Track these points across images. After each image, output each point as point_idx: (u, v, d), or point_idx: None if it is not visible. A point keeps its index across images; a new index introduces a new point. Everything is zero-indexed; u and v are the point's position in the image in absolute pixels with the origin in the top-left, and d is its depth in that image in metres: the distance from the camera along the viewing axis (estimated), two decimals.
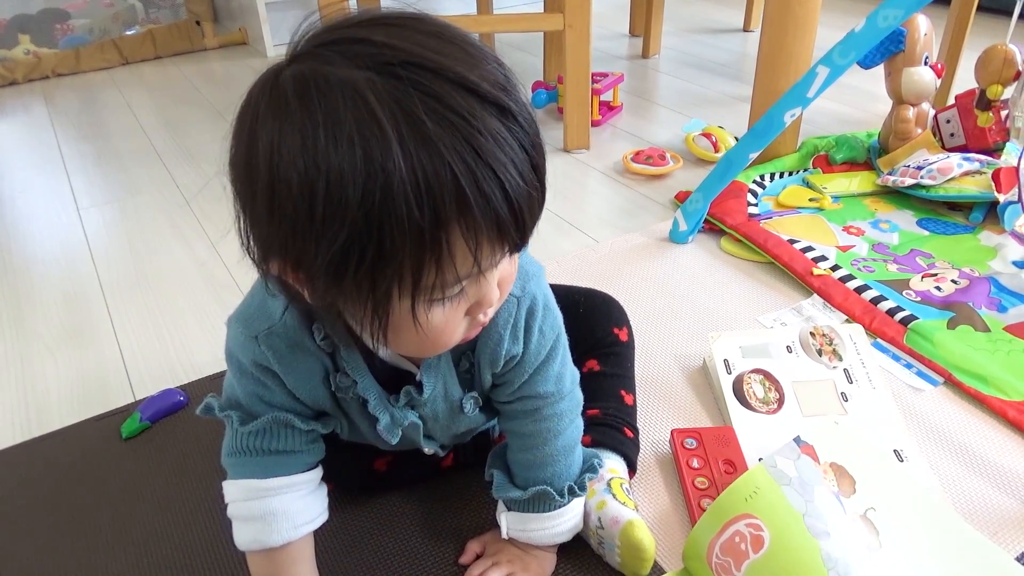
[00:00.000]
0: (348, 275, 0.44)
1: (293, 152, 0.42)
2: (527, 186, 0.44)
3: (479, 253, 0.44)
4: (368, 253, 0.42)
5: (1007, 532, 0.71)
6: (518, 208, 0.44)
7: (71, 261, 1.26)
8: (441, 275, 0.44)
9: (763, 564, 0.60)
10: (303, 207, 0.42)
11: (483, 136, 0.42)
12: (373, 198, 0.40)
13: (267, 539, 0.61)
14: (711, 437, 0.79)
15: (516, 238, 0.46)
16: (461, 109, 0.41)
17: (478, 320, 0.52)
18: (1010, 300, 1.01)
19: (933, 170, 1.24)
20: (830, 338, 0.92)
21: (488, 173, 0.42)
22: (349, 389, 0.59)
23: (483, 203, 0.42)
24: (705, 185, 1.18)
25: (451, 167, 0.41)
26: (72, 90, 2.12)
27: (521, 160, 0.44)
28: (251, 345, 0.57)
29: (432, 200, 0.41)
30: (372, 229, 0.41)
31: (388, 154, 0.40)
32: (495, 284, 0.50)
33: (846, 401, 0.86)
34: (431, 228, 0.42)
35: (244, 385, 0.60)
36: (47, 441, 0.87)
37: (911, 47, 1.32)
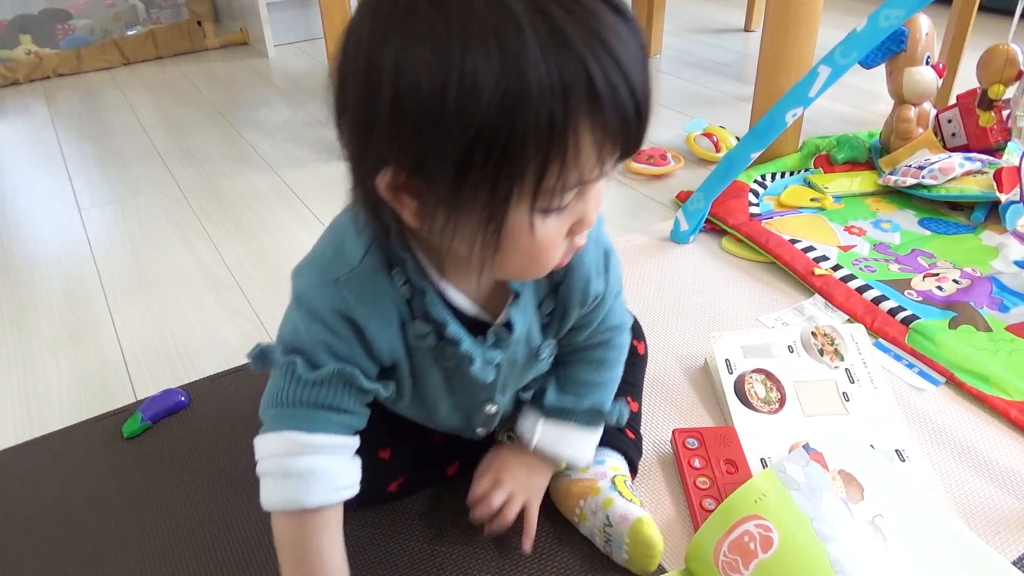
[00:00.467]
0: (471, 175, 0.44)
1: (423, 50, 0.42)
2: (645, 84, 0.45)
3: (603, 153, 0.45)
4: (495, 150, 0.43)
5: (1009, 532, 0.71)
6: (642, 103, 0.45)
7: (72, 261, 1.27)
8: (563, 176, 0.45)
9: (771, 564, 0.60)
10: (432, 104, 0.42)
11: (611, 32, 0.43)
12: (507, 90, 0.41)
13: (303, 498, 0.57)
14: (712, 437, 0.79)
15: (637, 136, 0.47)
16: (588, 5, 0.43)
17: (575, 243, 0.53)
18: (1012, 300, 1.01)
19: (935, 170, 1.23)
20: (831, 338, 0.92)
21: (615, 68, 0.43)
22: (426, 336, 0.58)
23: (611, 97, 0.43)
24: (706, 185, 1.18)
25: (583, 61, 0.42)
26: (73, 90, 2.12)
27: (642, 65, 0.45)
28: (330, 290, 0.56)
29: (564, 93, 0.42)
30: (503, 123, 0.42)
31: (523, 47, 0.41)
32: (598, 200, 0.51)
33: (847, 401, 0.86)
34: (562, 122, 0.43)
35: (314, 333, 0.57)
36: (48, 441, 0.87)
37: (912, 47, 1.32)
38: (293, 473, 0.57)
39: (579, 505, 0.70)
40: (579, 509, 0.70)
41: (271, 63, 2.28)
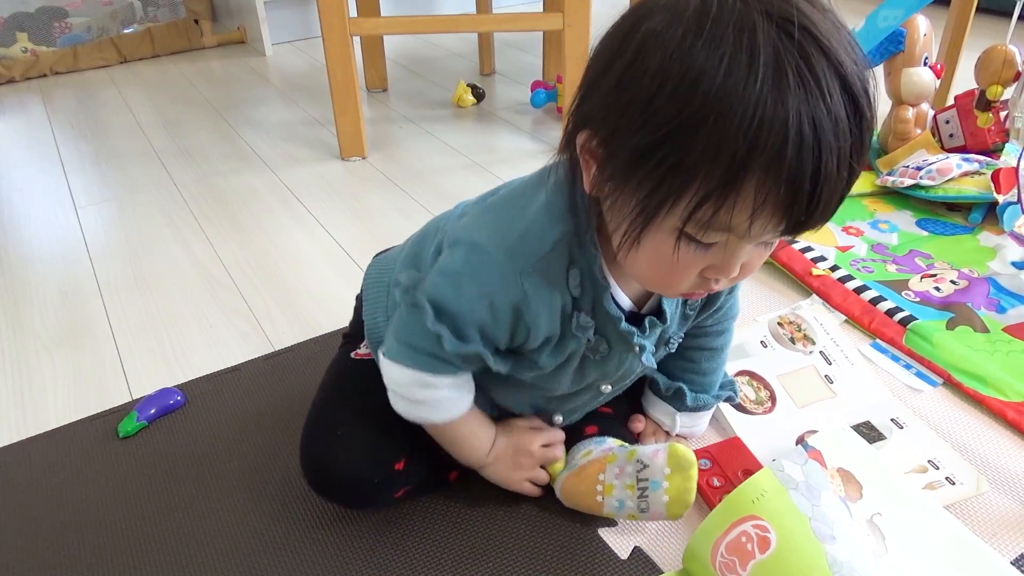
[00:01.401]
0: (643, 166, 0.47)
1: (668, 41, 0.45)
2: (834, 185, 0.46)
3: (756, 216, 0.46)
4: (671, 158, 0.45)
5: (1006, 533, 0.71)
6: (820, 190, 0.45)
7: (68, 260, 1.26)
8: (716, 214, 0.46)
9: (769, 565, 0.60)
10: (649, 89, 0.45)
11: (828, 115, 0.44)
12: (709, 110, 0.43)
13: (434, 417, 0.67)
14: (721, 452, 0.78)
15: (800, 217, 0.47)
16: (823, 84, 0.44)
17: (709, 284, 0.55)
18: (1009, 301, 1.01)
19: (932, 171, 1.23)
20: (797, 324, 0.93)
21: (812, 144, 0.44)
22: (588, 329, 0.62)
23: (794, 167, 0.44)
24: None
25: (786, 122, 0.43)
26: (70, 88, 2.11)
27: (846, 153, 0.45)
28: (513, 280, 0.59)
29: (755, 139, 0.43)
30: (690, 137, 0.44)
31: (744, 82, 0.43)
32: (742, 259, 0.52)
33: (832, 383, 0.87)
34: (738, 164, 0.44)
35: (476, 311, 0.60)
36: (44, 440, 0.87)
37: (911, 48, 1.32)
38: (422, 401, 0.66)
39: (599, 479, 0.70)
40: (600, 484, 0.70)
41: (268, 62, 2.28)
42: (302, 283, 1.16)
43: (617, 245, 0.54)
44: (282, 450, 0.82)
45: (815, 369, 0.89)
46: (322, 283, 1.15)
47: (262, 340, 1.03)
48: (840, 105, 0.44)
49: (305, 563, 0.71)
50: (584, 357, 0.65)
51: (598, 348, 0.64)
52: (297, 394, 0.89)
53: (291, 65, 2.25)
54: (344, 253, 1.23)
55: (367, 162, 1.57)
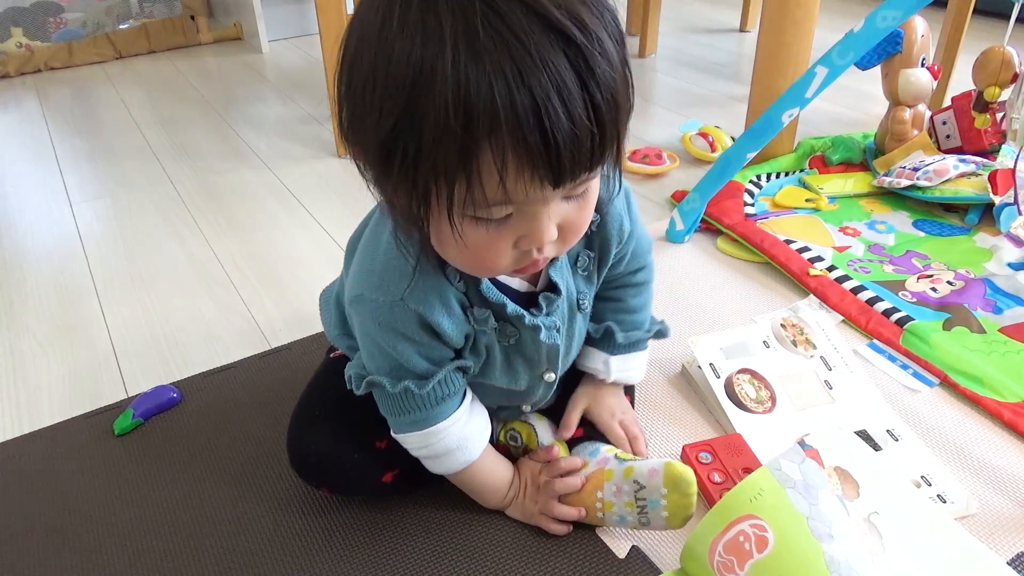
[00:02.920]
0: (395, 167, 0.46)
1: (370, 36, 0.45)
2: (569, 120, 0.43)
3: (506, 179, 0.45)
4: (410, 147, 0.44)
5: (1003, 533, 0.71)
6: (554, 138, 0.43)
7: (64, 256, 1.25)
8: (471, 192, 0.45)
9: (767, 564, 0.60)
10: (368, 88, 0.45)
11: (532, 59, 0.42)
12: (417, 92, 0.43)
13: (459, 463, 0.68)
14: (723, 447, 0.78)
15: (554, 171, 0.45)
16: (517, 29, 0.42)
17: (531, 255, 0.53)
18: (1005, 302, 1.01)
19: (929, 171, 1.24)
20: (800, 328, 0.93)
21: (526, 97, 0.42)
22: (486, 321, 0.62)
23: (513, 124, 0.42)
24: (702, 185, 1.18)
25: (490, 81, 0.42)
26: (65, 84, 2.10)
27: (572, 93, 0.43)
28: (400, 308, 0.59)
29: (466, 109, 0.42)
30: (414, 123, 0.43)
31: (438, 54, 0.42)
32: (546, 223, 0.50)
33: (831, 389, 0.87)
34: (462, 137, 0.43)
35: (402, 349, 0.62)
36: (38, 437, 0.87)
37: (908, 48, 1.32)
38: (442, 452, 0.67)
39: (598, 497, 0.70)
40: (599, 501, 0.69)
41: (265, 59, 2.27)
42: (298, 280, 1.15)
43: (426, 244, 0.54)
44: (277, 447, 0.81)
45: (815, 374, 0.89)
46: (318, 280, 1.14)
47: (258, 337, 1.03)
48: (545, 44, 0.42)
49: (302, 560, 0.70)
50: (504, 348, 0.66)
51: (506, 333, 0.64)
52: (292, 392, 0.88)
53: (288, 62, 2.24)
54: (341, 251, 1.23)
55: None
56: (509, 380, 0.69)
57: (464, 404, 0.68)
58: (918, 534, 0.66)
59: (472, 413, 0.69)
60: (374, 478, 0.72)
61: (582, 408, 0.78)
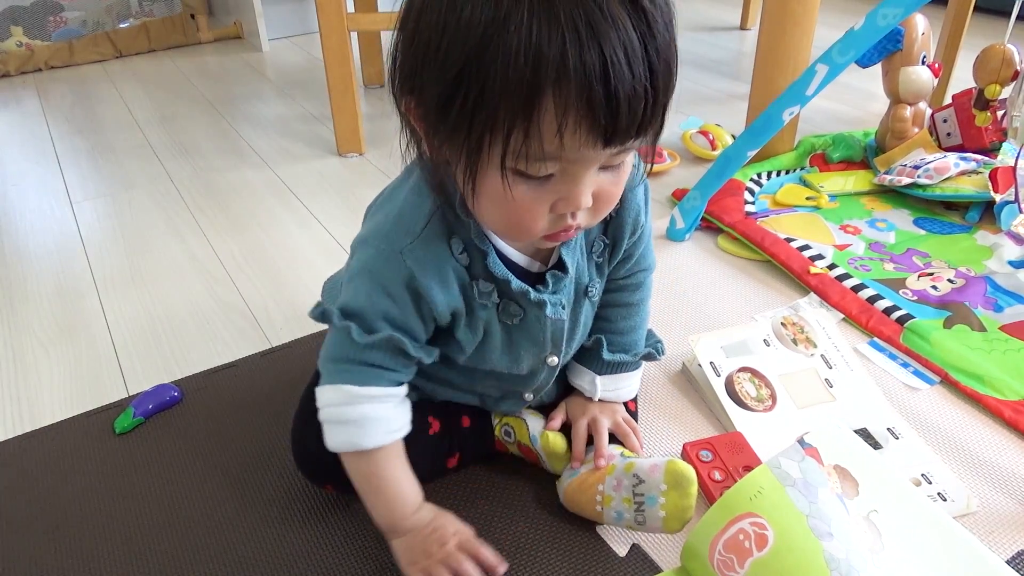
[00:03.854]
0: (451, 115, 0.48)
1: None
2: (632, 77, 0.45)
3: (564, 131, 0.46)
4: (472, 93, 0.46)
5: (1003, 531, 0.71)
6: (615, 93, 0.45)
7: (64, 255, 1.26)
8: (527, 142, 0.47)
9: (767, 562, 0.60)
10: (432, 40, 0.47)
11: (604, 16, 0.44)
12: (489, 40, 0.45)
13: (361, 442, 0.64)
14: (723, 445, 0.78)
15: (609, 128, 0.47)
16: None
17: (565, 220, 0.54)
18: (1006, 300, 1.01)
19: (930, 169, 1.24)
20: (800, 326, 0.93)
21: (594, 49, 0.44)
22: (490, 295, 0.63)
23: (580, 76, 0.44)
24: (702, 183, 1.18)
25: (563, 32, 0.44)
26: (65, 83, 2.10)
27: (635, 53, 0.45)
28: (396, 260, 0.59)
29: (536, 56, 0.44)
30: (480, 69, 0.45)
31: (513, 5, 0.44)
32: (586, 186, 0.52)
33: (831, 387, 0.87)
34: (529, 85, 0.45)
35: (376, 302, 0.61)
36: (39, 436, 0.87)
37: (909, 46, 1.32)
38: (350, 420, 0.63)
39: (599, 490, 0.70)
40: (600, 495, 0.69)
41: (265, 57, 2.27)
42: (299, 279, 1.15)
43: (464, 200, 0.56)
44: (279, 446, 0.81)
45: (816, 372, 0.89)
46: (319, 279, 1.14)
47: (259, 336, 1.03)
48: (615, 4, 0.45)
49: (303, 559, 0.70)
50: (506, 327, 0.65)
51: (509, 311, 0.64)
52: (294, 390, 0.88)
53: (288, 61, 2.24)
54: (341, 249, 1.23)
55: (364, 158, 1.57)
56: (510, 363, 0.69)
57: (396, 393, 0.65)
58: (917, 532, 0.66)
59: (400, 412, 0.66)
60: None
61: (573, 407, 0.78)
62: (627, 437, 0.75)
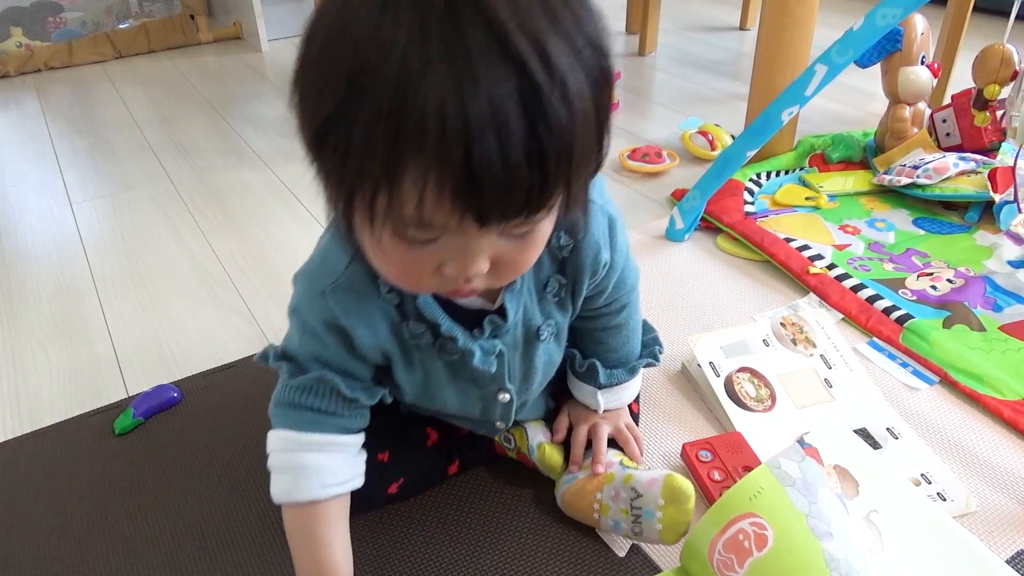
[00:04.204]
0: (326, 156, 0.43)
1: (333, 13, 0.42)
2: (503, 161, 0.39)
3: (424, 202, 0.40)
4: (340, 143, 0.41)
5: (1003, 531, 0.71)
6: (479, 177, 0.39)
7: (64, 256, 1.25)
8: (394, 207, 0.42)
9: (766, 563, 0.60)
10: (315, 72, 0.42)
11: (476, 84, 0.37)
12: (358, 86, 0.39)
13: (296, 493, 0.60)
14: (723, 445, 0.78)
15: (481, 213, 0.41)
16: (471, 46, 0.38)
17: (458, 282, 0.48)
18: (1005, 300, 1.01)
19: (929, 169, 1.24)
20: (800, 326, 0.93)
21: (458, 123, 0.38)
22: (422, 336, 0.59)
23: (438, 149, 0.38)
24: (702, 183, 1.18)
25: (426, 95, 0.38)
26: (65, 83, 2.10)
27: (513, 133, 0.38)
28: (318, 301, 0.57)
29: (399, 117, 0.38)
30: (348, 117, 0.40)
31: (389, 50, 0.38)
32: (472, 255, 0.45)
33: (831, 387, 0.87)
34: (389, 148, 0.39)
35: (304, 343, 0.60)
36: (39, 437, 0.87)
37: (908, 46, 1.32)
38: (287, 468, 0.60)
39: (596, 498, 0.69)
40: (598, 503, 0.69)
41: (265, 57, 2.27)
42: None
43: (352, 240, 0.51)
44: None
45: (815, 372, 0.89)
46: None
47: (259, 336, 1.03)
48: (495, 70, 0.38)
49: None
50: (449, 364, 0.62)
51: (447, 349, 0.60)
52: None
53: (288, 61, 2.24)
54: None
55: None
56: (461, 402, 0.66)
57: (344, 443, 0.62)
58: (917, 532, 0.66)
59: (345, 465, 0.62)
60: (379, 491, 0.70)
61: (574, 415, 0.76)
62: (627, 444, 0.75)
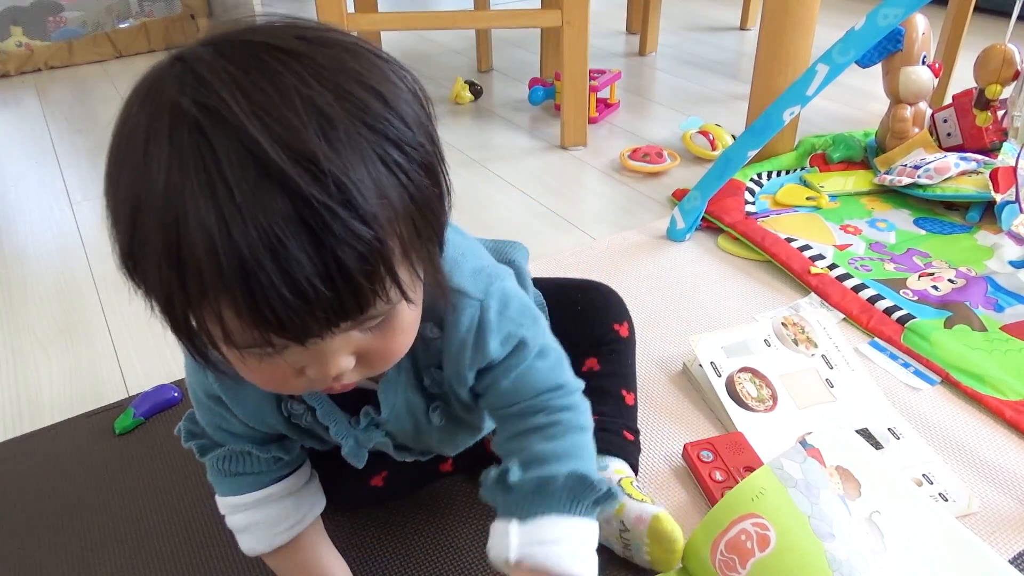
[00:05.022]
0: (137, 281, 0.41)
1: (113, 159, 0.41)
2: (291, 288, 0.36)
3: (231, 336, 0.39)
4: (139, 278, 0.40)
5: (1004, 531, 0.71)
6: (272, 307, 0.37)
7: (64, 255, 1.25)
8: (217, 335, 0.40)
9: (768, 563, 0.60)
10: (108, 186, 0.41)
11: (241, 216, 0.35)
12: (135, 226, 0.38)
13: (261, 546, 0.61)
14: (724, 446, 0.78)
15: (284, 337, 0.39)
16: (229, 174, 0.36)
17: (328, 383, 0.45)
18: (1007, 300, 1.01)
19: (930, 169, 1.24)
20: (801, 326, 0.93)
21: (232, 261, 0.36)
22: (303, 415, 0.56)
23: (222, 289, 0.37)
24: (703, 183, 1.18)
25: (194, 233, 0.36)
26: (65, 83, 2.10)
27: (293, 256, 0.36)
28: (200, 376, 0.55)
29: (178, 257, 0.37)
30: (135, 258, 0.39)
31: (154, 190, 0.37)
32: (329, 356, 0.42)
33: (832, 387, 0.87)
34: (178, 290, 0.38)
35: (202, 415, 0.59)
36: (39, 437, 0.87)
37: (909, 46, 1.32)
38: (244, 528, 0.61)
39: None
40: None
41: None
42: None
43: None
44: None
45: (816, 372, 0.89)
46: None
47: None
48: (261, 196, 0.36)
49: None
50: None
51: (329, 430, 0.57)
52: None
53: None
54: None
55: None
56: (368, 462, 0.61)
57: (276, 492, 0.60)
58: (920, 533, 0.66)
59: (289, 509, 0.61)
60: (362, 483, 0.69)
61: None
62: None
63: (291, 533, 0.61)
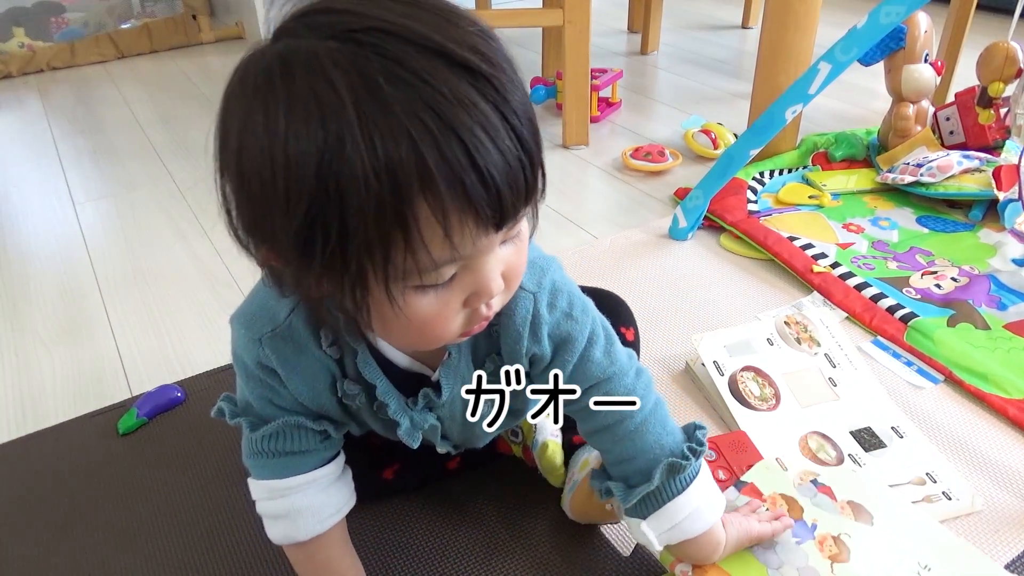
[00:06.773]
0: (316, 255, 0.41)
1: (256, 128, 0.41)
2: (502, 154, 0.40)
3: (451, 232, 0.41)
4: (332, 229, 0.40)
5: (1008, 530, 0.71)
6: (491, 179, 0.40)
7: (67, 256, 1.26)
8: (414, 257, 0.41)
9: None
10: (266, 182, 0.41)
11: (447, 100, 0.39)
12: (330, 168, 0.39)
13: (295, 534, 0.60)
14: (727, 445, 0.77)
15: (496, 214, 0.42)
16: (423, 72, 0.39)
17: (479, 313, 0.48)
18: (1010, 298, 1.01)
19: (933, 168, 1.23)
20: (804, 325, 0.93)
21: (452, 139, 0.38)
22: (357, 396, 0.57)
23: (448, 173, 0.39)
24: (705, 182, 1.18)
25: (409, 133, 0.38)
26: (67, 84, 2.11)
27: (496, 126, 0.40)
28: (254, 348, 0.55)
29: (390, 169, 0.38)
30: (332, 202, 0.39)
31: (344, 121, 0.38)
32: (493, 272, 0.46)
33: (835, 386, 0.87)
34: (393, 202, 0.39)
35: (252, 389, 0.58)
36: (43, 437, 0.87)
37: (911, 44, 1.32)
38: (279, 514, 0.60)
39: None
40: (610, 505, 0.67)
41: None
42: None
43: (362, 326, 0.49)
44: None
45: (819, 371, 0.89)
46: None
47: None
48: (453, 81, 0.39)
49: None
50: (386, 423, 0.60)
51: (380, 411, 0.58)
52: None
53: None
54: None
55: None
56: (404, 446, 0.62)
57: (323, 475, 0.61)
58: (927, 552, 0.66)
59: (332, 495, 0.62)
60: (375, 475, 0.71)
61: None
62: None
63: (335, 519, 0.61)
